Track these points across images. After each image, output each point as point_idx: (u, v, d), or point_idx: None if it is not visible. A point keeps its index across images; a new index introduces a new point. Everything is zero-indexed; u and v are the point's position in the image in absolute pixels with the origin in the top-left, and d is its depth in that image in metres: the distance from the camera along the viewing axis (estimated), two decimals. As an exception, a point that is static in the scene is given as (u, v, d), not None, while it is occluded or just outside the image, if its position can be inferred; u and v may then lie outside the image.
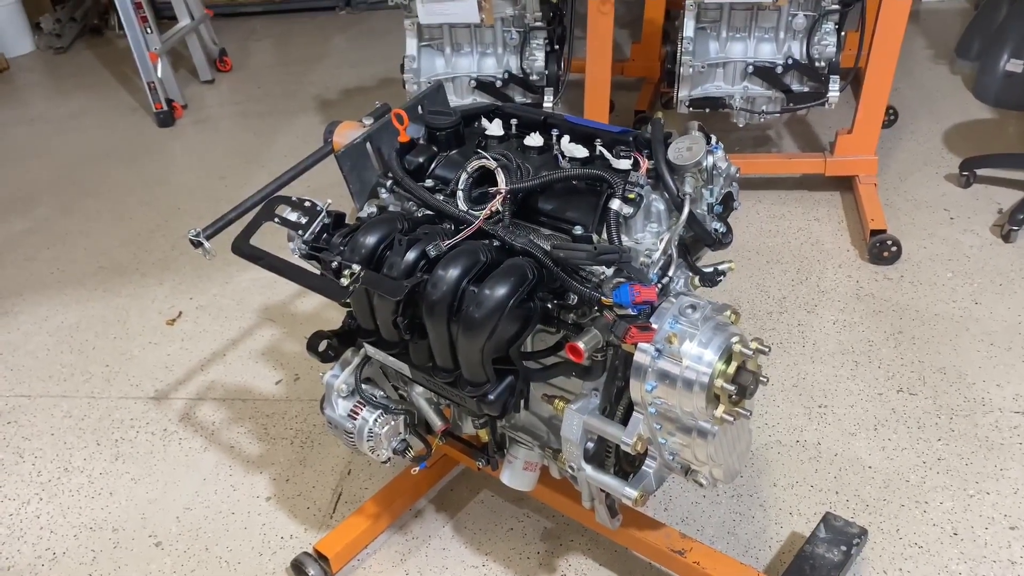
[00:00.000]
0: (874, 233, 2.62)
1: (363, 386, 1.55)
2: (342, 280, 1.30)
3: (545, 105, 2.87)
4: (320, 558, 1.77)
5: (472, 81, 2.91)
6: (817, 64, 2.67)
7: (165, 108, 4.11)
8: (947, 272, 2.56)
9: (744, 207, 2.95)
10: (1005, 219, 2.69)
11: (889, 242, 2.59)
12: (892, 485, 1.89)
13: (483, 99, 2.92)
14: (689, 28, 2.67)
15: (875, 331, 2.36)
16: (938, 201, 2.90)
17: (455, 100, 2.92)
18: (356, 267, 1.30)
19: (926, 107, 3.50)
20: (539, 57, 2.86)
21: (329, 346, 1.55)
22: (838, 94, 2.67)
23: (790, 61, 2.69)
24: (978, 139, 3.24)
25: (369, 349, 1.50)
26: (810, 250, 2.73)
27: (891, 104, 3.30)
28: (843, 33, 2.68)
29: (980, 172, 2.93)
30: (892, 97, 3.26)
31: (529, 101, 2.93)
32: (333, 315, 2.42)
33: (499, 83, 2.90)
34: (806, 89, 2.74)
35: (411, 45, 2.88)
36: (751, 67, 2.72)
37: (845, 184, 2.99)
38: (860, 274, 2.60)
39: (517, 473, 1.56)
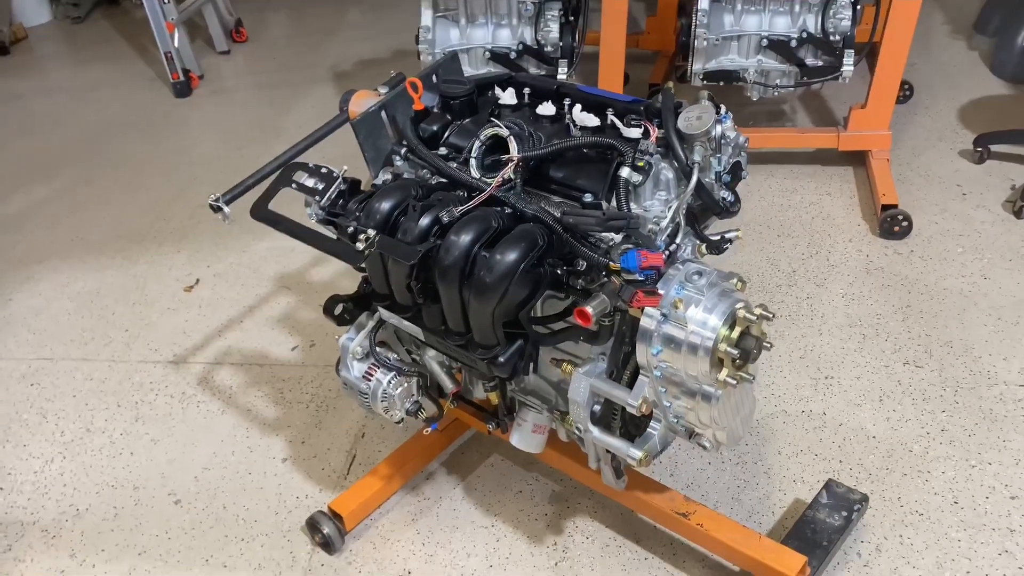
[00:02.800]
0: (885, 208, 2.63)
1: (377, 349, 1.59)
2: (357, 244, 1.34)
3: (559, 77, 2.87)
4: (334, 516, 1.82)
5: (486, 52, 2.92)
6: (832, 38, 2.67)
7: (182, 78, 4.14)
8: (957, 247, 2.57)
9: (757, 181, 2.96)
10: (1017, 195, 2.69)
11: (900, 217, 2.60)
12: (895, 455, 1.93)
13: (497, 71, 2.94)
14: (704, 1, 2.67)
15: (883, 305, 2.37)
16: (951, 177, 2.90)
17: (469, 71, 2.93)
18: (371, 232, 1.34)
19: (942, 83, 3.48)
20: (554, 29, 2.86)
21: (345, 310, 1.59)
22: (852, 68, 2.66)
23: (805, 35, 2.68)
24: (994, 115, 3.22)
25: (383, 313, 1.54)
26: (821, 224, 2.75)
27: (907, 79, 3.29)
28: (859, 7, 2.67)
29: (994, 148, 2.92)
30: (908, 72, 3.25)
31: (543, 73, 2.94)
32: (348, 284, 2.46)
33: (513, 55, 2.91)
34: (820, 63, 2.73)
35: (426, 16, 2.89)
36: (766, 40, 2.72)
37: (858, 159, 2.99)
38: (870, 248, 2.61)
39: (526, 436, 1.61)
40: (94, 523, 1.98)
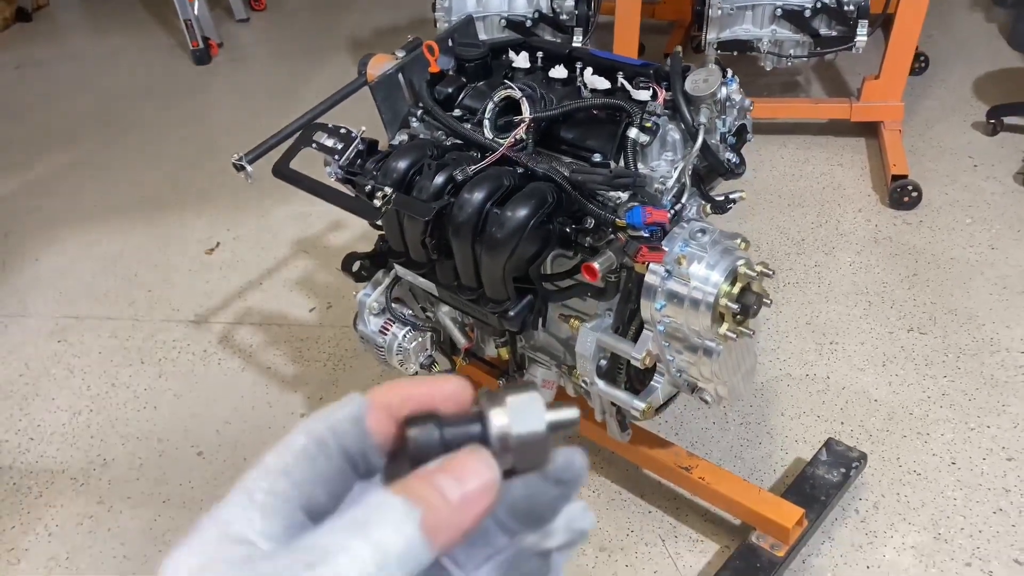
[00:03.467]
0: (895, 178, 2.65)
1: (393, 304, 1.65)
2: (375, 202, 1.39)
3: (575, 44, 2.89)
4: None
5: (502, 20, 2.95)
6: (846, 8, 2.67)
7: (201, 46, 4.19)
8: (966, 218, 2.59)
9: (769, 151, 2.98)
10: (1029, 167, 2.70)
11: (910, 187, 2.62)
12: (896, 417, 1.97)
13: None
14: (719, -30, 2.68)
15: (890, 273, 2.41)
16: (963, 148, 2.91)
17: (486, 39, 2.96)
18: (388, 190, 1.39)
19: (958, 54, 3.47)
20: (569, -2, 2.88)
21: (362, 267, 1.65)
22: (866, 39, 2.67)
23: (819, 4, 2.69)
24: (1010, 87, 3.22)
25: (399, 269, 1.59)
26: (832, 194, 2.77)
27: (923, 51, 3.28)
28: (874, -24, 2.68)
29: (1007, 120, 2.92)
30: (924, 44, 3.24)
31: (559, 41, 2.96)
32: (364, 248, 2.51)
33: (529, 23, 2.93)
34: (834, 33, 2.74)
35: (443, -16, 2.92)
36: (780, 10, 2.73)
37: (871, 130, 3.01)
38: (880, 218, 2.64)
39: (535, 391, 1.66)
40: (120, 472, 2.07)
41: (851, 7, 2.67)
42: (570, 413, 0.40)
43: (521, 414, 0.38)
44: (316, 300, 2.57)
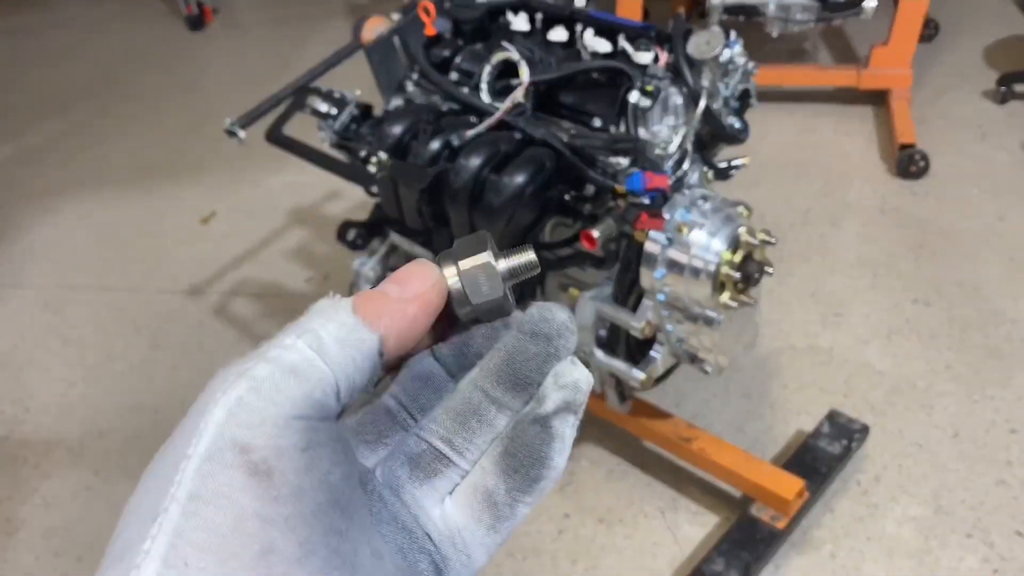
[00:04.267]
0: (903, 147, 2.60)
1: (389, 273, 1.62)
2: (370, 167, 1.35)
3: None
4: (347, 439, 1.87)
5: (502, -15, 2.88)
6: (855, -29, 2.61)
7: (196, 12, 4.12)
8: (974, 188, 2.54)
9: (775, 119, 2.93)
10: (1039, 136, 2.65)
11: (917, 156, 2.58)
12: (899, 389, 1.95)
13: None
14: (725, -68, 2.61)
15: (896, 244, 2.37)
16: (972, 117, 2.86)
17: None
18: (383, 155, 1.35)
19: (970, 21, 3.40)
20: (571, -39, 2.81)
21: (357, 235, 1.62)
22: (874, 3, 2.60)
23: (827, -32, 2.62)
24: (1021, 55, 3.15)
25: (395, 237, 1.56)
26: (838, 164, 2.72)
27: (933, 17, 3.21)
28: (884, -61, 2.61)
29: (1018, 88, 2.87)
30: (935, 9, 3.17)
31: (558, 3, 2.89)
32: (361, 217, 2.49)
33: (529, -12, 2.87)
34: (842, -2, 2.67)
35: (442, -53, 2.85)
36: (787, -26, 2.66)
37: (879, 98, 2.95)
38: (887, 189, 2.59)
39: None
40: (117, 443, 2.05)
41: (860, -29, 2.60)
42: (524, 257, 0.40)
43: (474, 277, 0.38)
44: (312, 270, 2.54)
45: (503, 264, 0.39)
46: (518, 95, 1.34)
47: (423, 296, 0.37)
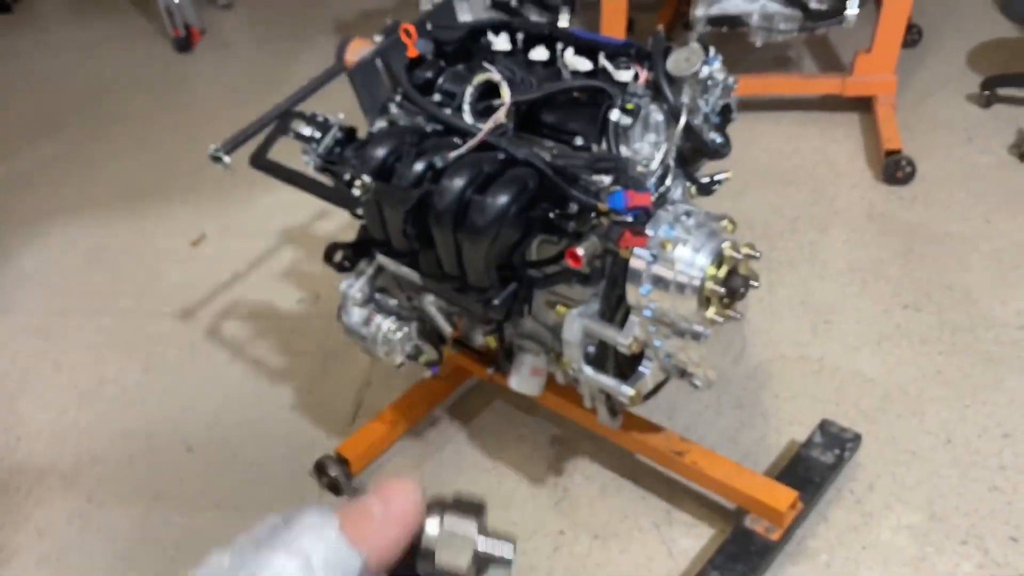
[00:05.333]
0: (889, 153, 2.61)
1: (377, 295, 1.62)
2: (354, 191, 1.36)
3: (560, 24, 2.84)
4: (341, 460, 1.87)
5: (486, 0, 2.89)
6: (837, -20, 2.63)
7: (183, 33, 4.12)
8: (961, 192, 2.56)
9: (761, 128, 2.94)
10: (1023, 139, 2.66)
11: (904, 162, 2.59)
12: (891, 396, 1.95)
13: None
14: (706, -56, 2.63)
15: (885, 250, 2.38)
16: (957, 121, 2.87)
17: (469, 20, 2.91)
18: (367, 178, 1.36)
19: (953, 26, 3.42)
20: (554, -25, 2.83)
21: (344, 256, 1.62)
22: (856, 12, 2.62)
23: (809, -23, 2.64)
24: (1005, 58, 3.17)
25: (381, 259, 1.56)
26: (825, 171, 2.74)
27: (916, 22, 3.23)
28: (864, -53, 2.63)
29: (1002, 92, 2.89)
30: (918, 15, 3.19)
31: (545, 20, 2.91)
32: (351, 236, 2.49)
33: (514, 2, 2.88)
34: (825, 7, 2.69)
35: (426, -35, 2.86)
36: (769, -16, 2.68)
37: (864, 105, 2.96)
38: (874, 194, 2.60)
39: (525, 378, 1.64)
40: (110, 469, 2.05)
41: (841, -21, 2.62)
42: (503, 550, 0.40)
43: (450, 540, 0.39)
44: (304, 290, 2.54)
45: (483, 545, 0.40)
46: (500, 116, 1.35)
47: (404, 518, 0.40)
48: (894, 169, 2.60)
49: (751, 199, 2.62)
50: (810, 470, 1.68)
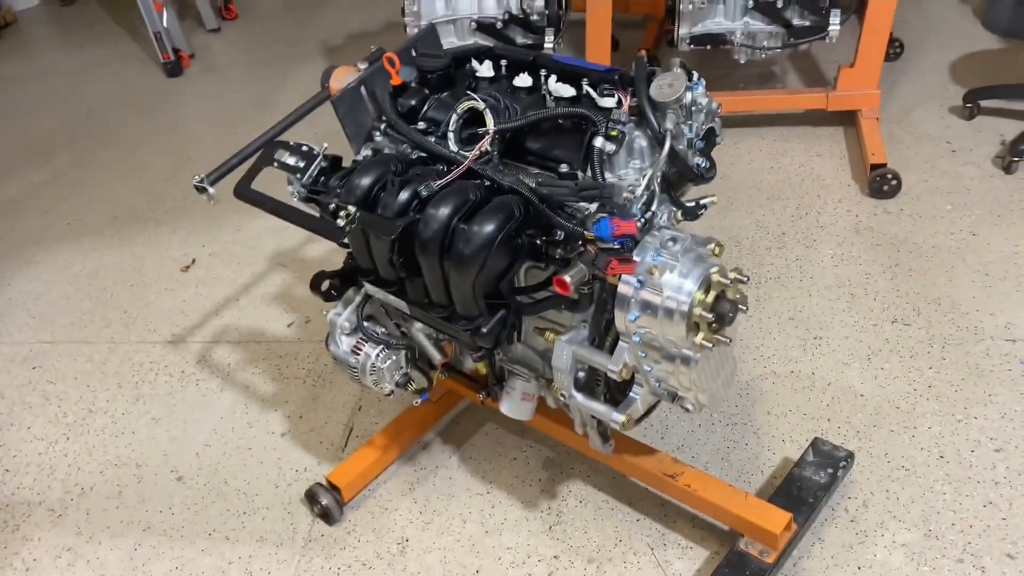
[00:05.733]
0: (874, 167, 2.63)
1: (365, 323, 1.62)
2: (339, 221, 1.35)
3: (546, 46, 2.86)
4: (332, 488, 1.86)
5: (472, 23, 2.91)
6: (819, -3, 2.65)
7: (172, 58, 4.13)
8: (946, 204, 2.57)
9: (746, 144, 2.96)
10: (1007, 151, 2.68)
11: (889, 176, 2.60)
12: (882, 412, 1.95)
13: (484, 41, 2.93)
14: (689, -37, 2.65)
15: (872, 264, 2.39)
16: (941, 134, 2.89)
17: (456, 42, 2.93)
18: (352, 208, 1.35)
19: (933, 38, 3.45)
20: (539, -3, 2.85)
21: (331, 285, 1.61)
22: (839, 27, 2.65)
23: (791, -6, 2.67)
24: (986, 70, 3.20)
25: (369, 288, 1.56)
26: (811, 186, 2.75)
27: (897, 36, 3.26)
28: (846, -36, 2.65)
29: (984, 103, 2.91)
30: (899, 28, 3.22)
31: (530, 42, 2.93)
32: (340, 259, 2.49)
33: (500, 24, 2.90)
34: (807, 23, 2.72)
35: (411, -13, 2.88)
36: (752, 1, 2.70)
37: (848, 119, 2.99)
38: (860, 208, 2.62)
39: (515, 403, 1.63)
40: (99, 501, 2.03)
41: (823, -4, 2.65)
42: None
43: None
44: (294, 315, 2.53)
45: None
46: (484, 143, 1.35)
47: None
48: (880, 183, 2.61)
49: (737, 215, 2.63)
50: (804, 490, 1.67)
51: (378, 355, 1.60)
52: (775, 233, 2.55)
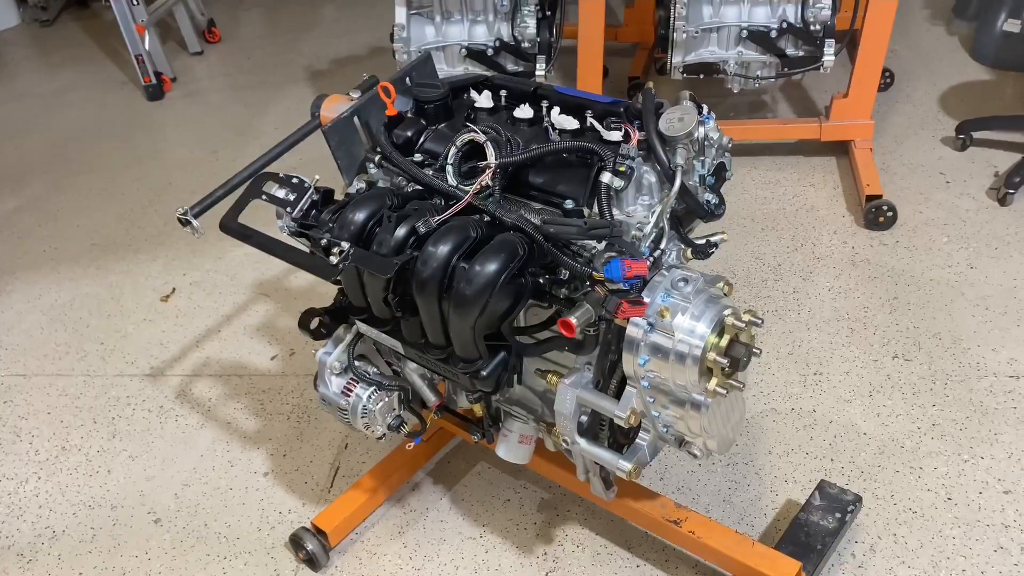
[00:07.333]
0: (870, 199, 2.60)
1: (356, 363, 1.54)
2: (331, 258, 1.29)
3: (537, 73, 2.83)
4: (318, 533, 1.78)
5: (463, 50, 2.87)
6: (812, 27, 2.64)
7: (154, 81, 4.06)
8: (943, 237, 2.55)
9: (739, 174, 2.93)
10: (1001, 182, 2.67)
11: (885, 207, 2.58)
12: (887, 451, 1.90)
13: (475, 68, 2.88)
14: (683, -8, 2.63)
15: (870, 297, 2.35)
16: (934, 165, 2.88)
17: (446, 70, 2.88)
18: (345, 244, 1.29)
19: (923, 69, 3.46)
20: (530, 24, 2.81)
21: (321, 323, 1.54)
22: (833, 58, 2.63)
23: (785, 25, 2.65)
24: (975, 101, 3.21)
25: (361, 326, 1.49)
26: (805, 216, 2.72)
27: (887, 67, 3.26)
28: (839, -5, 2.64)
29: (976, 135, 2.91)
30: (888, 59, 3.21)
31: (521, 69, 2.89)
32: (327, 290, 2.41)
33: (490, 51, 2.86)
34: (801, 53, 2.70)
35: (400, 14, 2.83)
36: (745, 31, 2.69)
37: (841, 149, 2.97)
38: (856, 240, 2.59)
39: (512, 447, 1.57)
40: (71, 545, 1.93)
41: (817, 26, 2.63)
42: None
43: None
44: (278, 347, 2.45)
45: None
46: (486, 178, 1.29)
47: None
48: (875, 215, 2.59)
49: (733, 245, 2.59)
50: (811, 536, 1.61)
51: (370, 396, 1.52)
52: (771, 264, 2.51)
